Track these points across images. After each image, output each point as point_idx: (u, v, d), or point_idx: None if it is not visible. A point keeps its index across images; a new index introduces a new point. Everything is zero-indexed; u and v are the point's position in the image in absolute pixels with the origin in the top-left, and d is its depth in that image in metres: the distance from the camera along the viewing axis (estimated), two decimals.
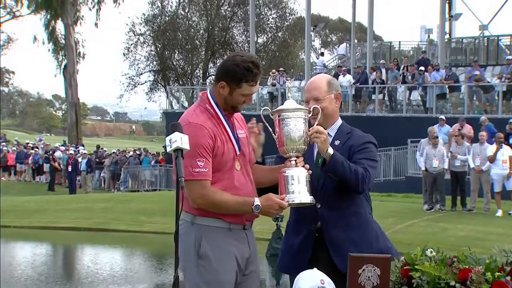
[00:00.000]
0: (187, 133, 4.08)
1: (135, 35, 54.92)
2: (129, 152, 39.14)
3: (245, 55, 4.42)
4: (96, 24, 51.21)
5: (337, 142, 4.63)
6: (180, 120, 4.32)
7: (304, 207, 4.45)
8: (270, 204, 4.29)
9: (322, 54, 41.11)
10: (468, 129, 20.97)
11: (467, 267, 3.95)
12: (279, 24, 56.05)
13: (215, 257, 4.33)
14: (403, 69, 29.16)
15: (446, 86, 26.69)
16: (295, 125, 4.32)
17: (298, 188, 4.30)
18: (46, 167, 37.63)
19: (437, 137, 18.76)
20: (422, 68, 27.53)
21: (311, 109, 4.45)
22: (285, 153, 4.38)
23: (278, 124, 4.36)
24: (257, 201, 4.29)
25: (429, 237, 14.65)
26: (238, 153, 4.43)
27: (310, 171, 4.38)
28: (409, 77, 28.17)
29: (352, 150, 4.60)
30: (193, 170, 4.23)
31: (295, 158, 4.36)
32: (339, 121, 4.79)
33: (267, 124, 4.54)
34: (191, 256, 4.28)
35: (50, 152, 37.83)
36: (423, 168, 18.75)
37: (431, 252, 4.08)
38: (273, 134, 4.43)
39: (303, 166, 4.36)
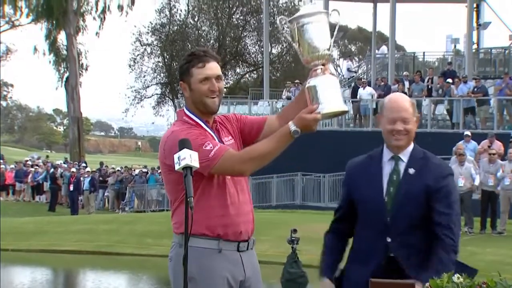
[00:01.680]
0: (174, 141, 4.14)
1: (141, 45, 55.18)
2: (134, 170, 39.22)
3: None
4: (97, 34, 51.47)
5: (411, 171, 4.51)
6: (162, 138, 4.38)
7: (373, 240, 4.41)
8: (305, 123, 4.16)
9: (348, 57, 40.75)
10: (498, 146, 20.89)
11: None
12: None
13: (202, 280, 4.30)
14: (427, 81, 29.14)
15: (474, 100, 26.62)
16: (316, 30, 4.20)
17: (329, 96, 4.18)
18: (46, 186, 37.75)
19: (463, 154, 18.70)
20: (449, 80, 27.50)
21: (331, 12, 4.30)
22: (309, 62, 4.27)
23: (298, 32, 4.25)
24: (292, 126, 4.17)
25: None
26: None
27: (338, 78, 4.30)
28: (437, 90, 28.11)
29: (430, 191, 4.45)
30: (209, 156, 4.20)
31: (321, 66, 4.25)
32: (412, 144, 4.68)
33: (288, 36, 4.40)
34: (179, 279, 4.27)
35: (52, 170, 37.94)
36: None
37: (458, 278, 4.06)
38: (294, 45, 4.32)
39: (331, 74, 4.26)
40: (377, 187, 4.47)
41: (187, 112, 4.43)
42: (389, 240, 4.45)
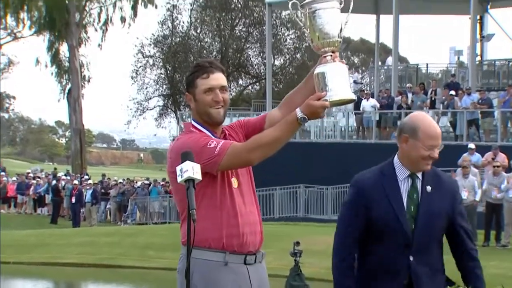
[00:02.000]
0: (179, 147, 4.19)
1: (144, 57, 55.26)
2: (136, 182, 39.22)
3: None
4: (100, 46, 51.58)
5: (429, 188, 4.49)
6: (169, 148, 4.38)
7: (393, 259, 4.39)
8: (313, 110, 4.12)
9: (355, 70, 40.85)
10: (502, 158, 20.88)
11: None
12: (297, 45, 56.24)
13: None
14: (431, 93, 29.16)
15: (478, 112, 26.62)
16: (327, 16, 4.18)
17: (338, 83, 4.15)
18: (48, 198, 37.75)
19: (467, 167, 18.68)
20: (452, 92, 27.52)
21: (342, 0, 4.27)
22: (319, 48, 4.25)
23: (309, 18, 4.22)
24: (299, 113, 4.13)
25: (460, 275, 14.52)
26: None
27: (347, 66, 4.27)
28: (441, 102, 28.12)
29: (451, 208, 4.51)
30: (215, 152, 4.20)
31: (330, 53, 4.23)
32: None
33: (298, 20, 4.36)
34: None
35: (55, 182, 37.90)
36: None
37: None
38: (305, 30, 4.30)
39: (340, 61, 4.23)
40: (398, 205, 4.42)
41: (194, 123, 4.44)
42: (411, 259, 4.44)
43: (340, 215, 4.59)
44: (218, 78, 4.37)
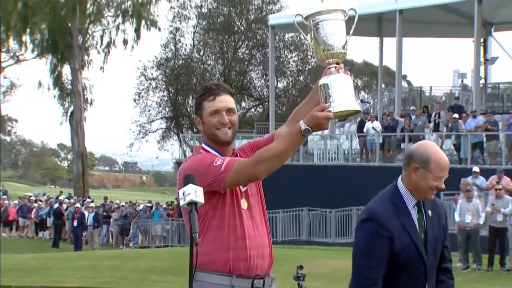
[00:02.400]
0: (186, 169, 4.20)
1: (146, 79, 55.41)
2: (139, 205, 39.21)
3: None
4: (102, 68, 51.78)
5: (430, 213, 4.52)
6: (179, 171, 4.37)
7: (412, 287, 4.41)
8: (317, 122, 4.09)
9: (363, 88, 40.69)
10: (506, 182, 20.84)
11: None
12: (300, 68, 56.41)
13: None
14: (434, 116, 29.19)
15: (482, 135, 26.62)
16: (331, 28, 4.19)
17: (342, 94, 4.13)
18: (50, 221, 37.72)
19: (470, 190, 18.66)
20: (456, 115, 27.54)
21: (348, 11, 4.27)
22: (323, 60, 4.25)
23: (313, 30, 4.22)
24: (303, 125, 4.10)
25: None
26: (242, 189, 4.37)
27: (352, 76, 4.27)
28: (445, 125, 28.15)
29: (445, 230, 4.62)
30: (221, 169, 4.19)
31: (335, 65, 4.22)
32: None
33: (301, 31, 4.36)
34: None
35: (57, 205, 37.86)
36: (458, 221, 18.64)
37: None
38: (309, 42, 4.30)
39: (344, 73, 4.22)
40: (415, 235, 4.42)
41: (204, 146, 4.45)
42: (427, 286, 4.49)
43: (361, 251, 4.42)
44: (225, 100, 4.40)
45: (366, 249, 4.38)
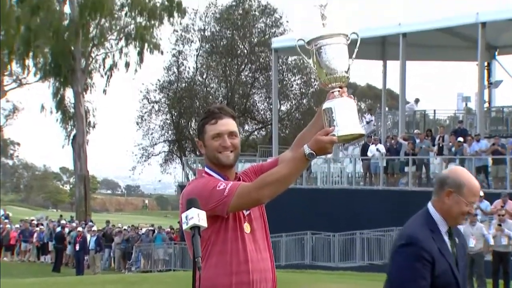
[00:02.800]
0: (188, 193, 4.20)
1: (149, 102, 55.53)
2: (141, 229, 39.13)
3: None
4: (104, 91, 51.88)
5: (457, 240, 4.57)
6: (181, 195, 4.37)
7: None
8: (321, 146, 4.08)
9: (369, 110, 40.45)
10: (511, 206, 20.83)
11: None
12: (303, 91, 56.51)
13: None
14: (438, 139, 29.20)
15: (487, 159, 26.62)
16: (333, 52, 4.20)
17: (346, 118, 4.14)
18: (51, 245, 37.65)
19: (475, 214, 18.63)
20: (461, 138, 27.56)
21: (350, 34, 4.28)
22: (327, 84, 4.26)
23: (316, 54, 4.24)
24: (307, 149, 4.10)
25: None
26: (245, 213, 4.36)
27: (355, 99, 4.31)
28: (449, 149, 28.15)
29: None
30: (224, 194, 4.19)
31: (338, 89, 4.23)
32: None
33: (304, 56, 4.37)
34: None
35: (60, 229, 37.74)
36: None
37: None
38: (312, 67, 4.32)
39: (348, 96, 4.23)
40: (451, 260, 4.45)
41: (206, 169, 4.46)
42: None
43: (405, 277, 4.37)
44: (227, 124, 4.41)
45: (411, 274, 4.35)
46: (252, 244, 4.33)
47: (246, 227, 4.35)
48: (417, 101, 36.83)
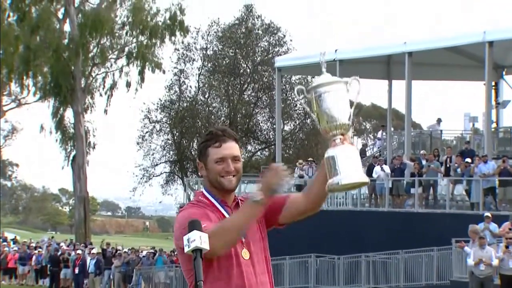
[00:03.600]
0: (181, 218, 4.18)
1: (150, 122, 55.53)
2: (142, 252, 39.03)
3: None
4: (105, 111, 51.90)
5: None
6: (176, 218, 4.36)
7: None
8: (264, 187, 4.11)
9: (382, 127, 40.06)
10: None
11: None
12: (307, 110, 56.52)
13: None
14: (445, 160, 29.17)
15: (495, 180, 26.58)
16: (334, 99, 4.22)
17: (348, 166, 4.14)
18: (50, 269, 37.57)
19: (483, 237, 18.59)
20: (468, 159, 27.52)
21: (351, 81, 4.31)
22: (327, 132, 4.25)
23: (316, 102, 4.26)
24: (253, 194, 4.13)
25: None
26: (242, 239, 4.30)
27: (358, 149, 4.32)
28: (455, 169, 28.13)
29: None
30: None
31: (340, 136, 4.23)
32: None
33: (306, 106, 4.41)
34: None
35: (59, 253, 37.56)
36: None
37: None
38: (312, 115, 4.33)
39: (350, 144, 4.23)
40: None
41: (204, 192, 4.44)
42: None
43: None
44: (230, 148, 4.38)
45: None
46: (250, 268, 4.29)
47: (244, 254, 4.31)
48: (439, 121, 36.71)
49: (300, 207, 4.38)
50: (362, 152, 38.57)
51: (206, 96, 56.41)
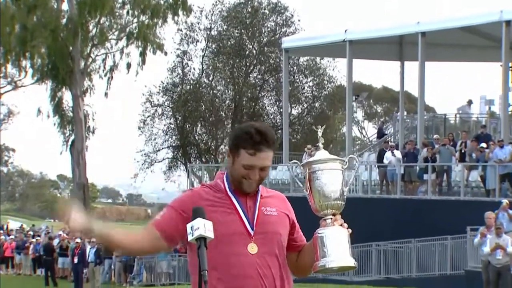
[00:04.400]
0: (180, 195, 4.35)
1: (152, 106, 55.50)
2: None
3: (256, 122, 4.48)
4: (106, 94, 51.91)
5: None
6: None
7: None
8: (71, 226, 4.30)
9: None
10: None
11: None
12: (316, 93, 56.46)
13: None
14: (460, 145, 29.12)
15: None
16: (328, 178, 4.29)
17: (338, 250, 4.23)
18: None
19: (499, 227, 18.60)
20: (483, 144, 27.47)
21: (347, 160, 4.41)
22: (319, 211, 4.33)
23: (309, 179, 4.30)
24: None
25: None
26: (251, 232, 4.32)
27: (350, 230, 4.33)
28: (470, 154, 28.09)
29: None
30: (156, 216, 4.41)
31: (331, 216, 4.32)
32: None
33: (298, 181, 4.46)
34: None
35: (48, 240, 37.61)
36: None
37: None
38: (304, 191, 4.35)
39: (341, 225, 4.32)
40: None
41: (225, 178, 4.45)
42: None
43: None
44: (264, 159, 4.32)
45: None
46: (254, 260, 4.29)
47: (251, 247, 4.31)
48: (470, 102, 36.43)
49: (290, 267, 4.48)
50: (380, 132, 38.53)
51: (210, 79, 56.35)
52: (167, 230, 4.29)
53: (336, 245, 4.25)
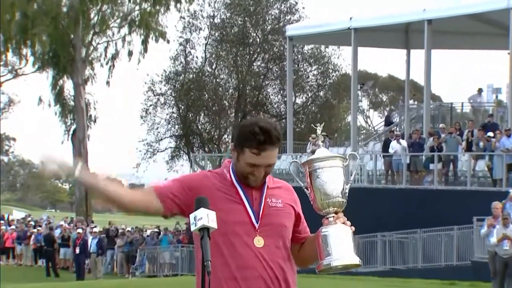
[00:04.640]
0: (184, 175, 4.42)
1: (154, 95, 55.49)
2: (146, 231, 39.17)
3: (260, 118, 4.45)
4: (108, 83, 51.90)
5: None
6: None
7: None
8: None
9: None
10: None
11: None
12: (320, 82, 56.42)
13: None
14: (467, 134, 29.10)
15: None
16: (329, 176, 4.29)
17: (341, 249, 4.25)
18: None
19: (506, 217, 18.60)
20: (490, 133, 27.44)
21: (347, 156, 4.43)
22: (321, 209, 4.33)
23: (309, 177, 4.31)
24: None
25: None
26: (256, 224, 4.32)
27: (353, 228, 4.34)
28: (476, 143, 28.05)
29: None
30: (160, 183, 4.60)
31: (333, 214, 4.32)
32: None
33: (298, 179, 4.47)
34: None
35: (48, 231, 37.68)
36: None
37: None
38: (305, 190, 4.36)
39: (343, 223, 4.32)
40: None
41: (231, 170, 4.45)
42: None
43: None
44: (268, 157, 4.32)
45: None
46: (259, 252, 4.30)
47: (257, 241, 4.32)
48: (480, 91, 36.31)
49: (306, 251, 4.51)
50: (387, 120, 38.55)
51: (213, 67, 56.31)
52: (167, 194, 4.46)
53: (339, 244, 4.26)
